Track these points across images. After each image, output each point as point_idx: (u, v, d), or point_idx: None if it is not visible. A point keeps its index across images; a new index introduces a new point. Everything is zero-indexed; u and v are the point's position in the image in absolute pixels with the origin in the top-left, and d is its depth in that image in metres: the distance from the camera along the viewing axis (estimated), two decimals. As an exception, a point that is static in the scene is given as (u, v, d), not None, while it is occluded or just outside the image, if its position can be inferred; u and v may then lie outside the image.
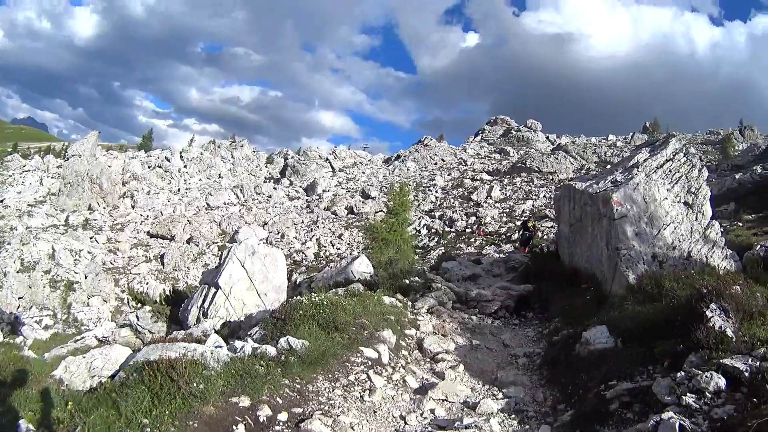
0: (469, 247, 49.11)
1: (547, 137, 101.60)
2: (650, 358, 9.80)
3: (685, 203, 17.13)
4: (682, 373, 8.27)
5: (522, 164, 75.27)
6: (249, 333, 13.61)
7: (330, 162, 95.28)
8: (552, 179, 69.32)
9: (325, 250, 58.48)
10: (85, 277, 45.91)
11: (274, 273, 23.20)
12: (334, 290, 17.44)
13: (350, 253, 53.62)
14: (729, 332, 8.98)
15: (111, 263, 52.58)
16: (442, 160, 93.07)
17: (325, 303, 13.31)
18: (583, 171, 71.86)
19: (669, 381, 8.33)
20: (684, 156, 18.32)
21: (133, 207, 68.27)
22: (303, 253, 57.82)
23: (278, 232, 63.70)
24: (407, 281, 19.89)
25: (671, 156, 18.36)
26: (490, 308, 18.46)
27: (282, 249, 55.90)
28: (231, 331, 18.57)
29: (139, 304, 38.48)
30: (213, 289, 22.19)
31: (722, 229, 17.62)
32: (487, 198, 64.30)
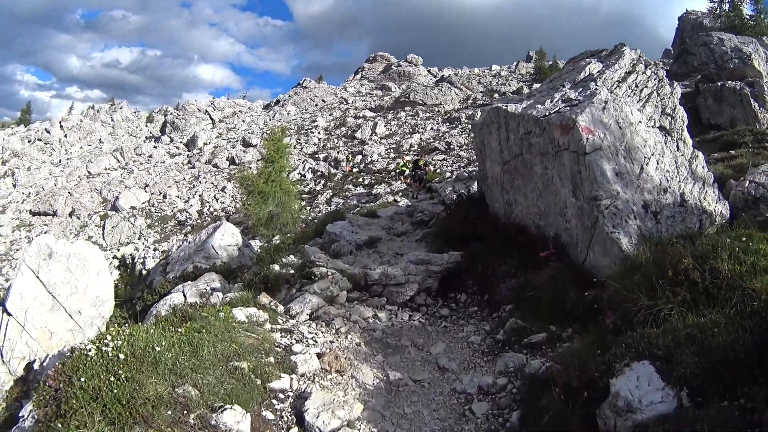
0: (358, 188, 45.43)
1: (429, 71, 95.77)
2: (752, 424, 4.60)
3: (661, 128, 11.89)
4: None
5: (405, 98, 70.31)
6: (21, 416, 7.80)
7: (209, 114, 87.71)
8: (438, 111, 64.84)
9: (209, 206, 54.17)
10: (-36, 273, 40.90)
11: (87, 279, 14.64)
12: (162, 307, 11.44)
13: (235, 206, 50.90)
14: None
15: (-8, 251, 48.36)
16: (323, 101, 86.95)
17: (123, 356, 6.62)
18: (469, 101, 67.26)
19: None
20: (645, 68, 13.13)
21: (14, 186, 63.35)
22: (186, 212, 53.44)
23: (160, 193, 58.66)
24: (277, 268, 12.84)
25: (630, 68, 13.18)
26: (403, 295, 11.93)
27: (165, 210, 53.34)
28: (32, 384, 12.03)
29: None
30: (6, 316, 13.53)
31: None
32: (372, 135, 60.29)
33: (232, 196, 53.93)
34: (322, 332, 9.66)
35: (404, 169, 37.81)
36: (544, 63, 78.61)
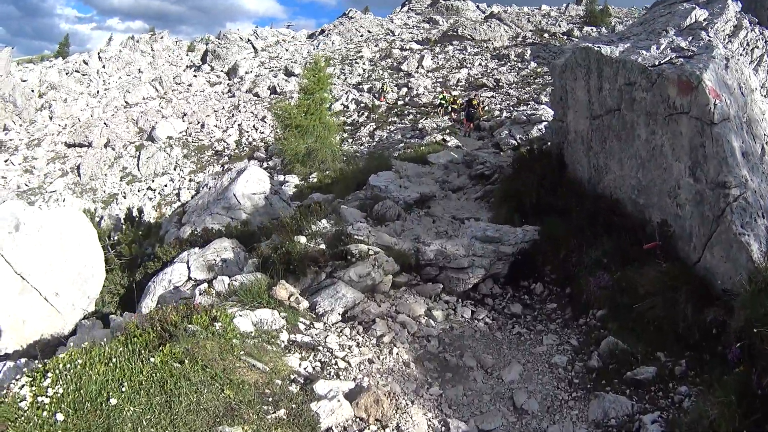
0: (403, 121, 42.33)
1: (477, 6, 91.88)
2: None
3: (772, 99, 8.99)
4: None
5: (453, 32, 66.84)
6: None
7: (252, 43, 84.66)
8: (486, 47, 61.37)
9: (248, 136, 51.58)
10: (-3, 207, 39.19)
11: (65, 253, 11.75)
12: (161, 284, 9.54)
13: (274, 136, 47.25)
14: None
15: (26, 185, 46.70)
16: (369, 32, 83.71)
17: (62, 417, 4.55)
18: (519, 39, 63.70)
19: None
20: (752, 25, 10.46)
21: (51, 118, 60.42)
22: (224, 141, 50.86)
23: (198, 122, 55.92)
24: (303, 240, 9.89)
25: (737, 22, 10.39)
26: (465, 282, 9.43)
27: (202, 139, 50.93)
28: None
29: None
30: (-29, 302, 10.88)
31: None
32: (418, 68, 57.29)
33: (272, 126, 50.57)
34: (357, 344, 7.24)
35: (443, 102, 37.77)
36: (595, 7, 73.78)
